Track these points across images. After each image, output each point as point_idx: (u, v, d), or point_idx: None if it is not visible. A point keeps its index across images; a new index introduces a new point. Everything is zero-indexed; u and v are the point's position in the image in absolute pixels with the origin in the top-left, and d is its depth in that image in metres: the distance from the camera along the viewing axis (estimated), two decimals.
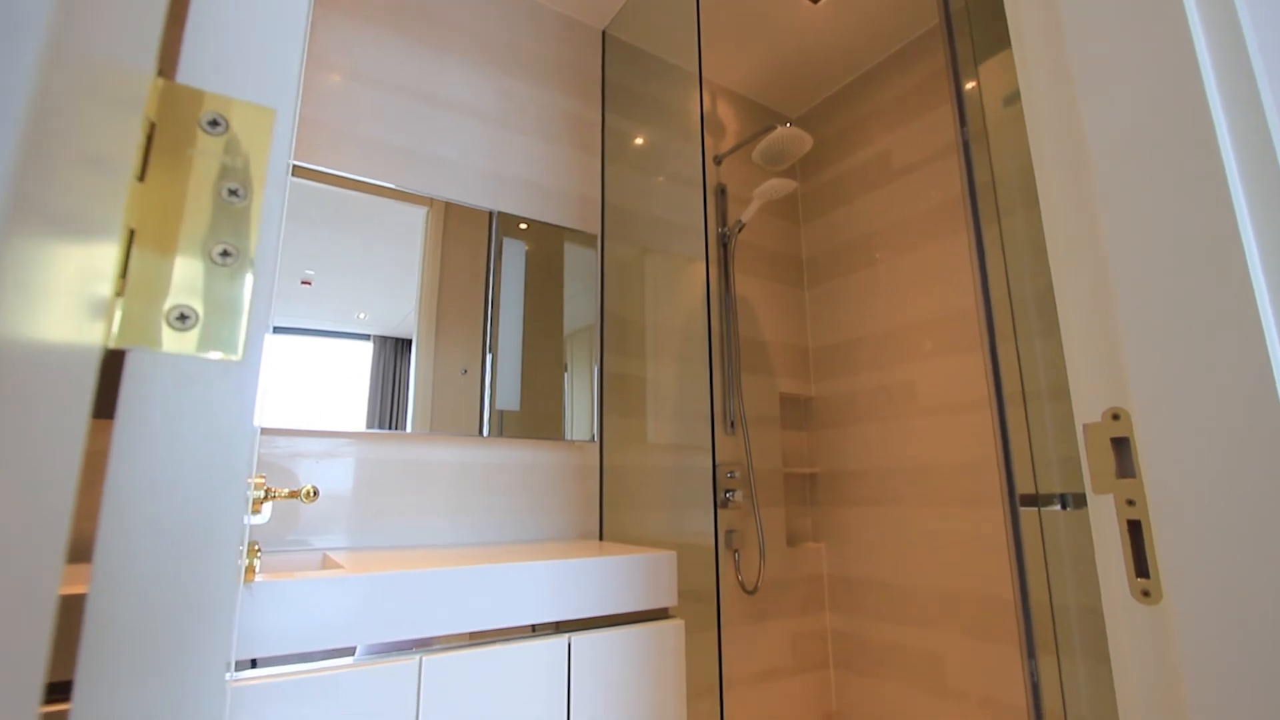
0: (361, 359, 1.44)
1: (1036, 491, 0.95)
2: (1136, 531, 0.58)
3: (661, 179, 1.81)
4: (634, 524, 1.64)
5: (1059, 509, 0.93)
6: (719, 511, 1.94)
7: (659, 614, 1.33)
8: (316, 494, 1.09)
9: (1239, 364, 0.49)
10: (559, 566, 1.19)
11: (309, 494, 1.08)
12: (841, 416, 2.20)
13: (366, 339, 1.45)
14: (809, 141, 1.98)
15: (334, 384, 1.40)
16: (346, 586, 0.98)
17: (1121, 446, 0.60)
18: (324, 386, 1.39)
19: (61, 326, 0.19)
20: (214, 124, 0.28)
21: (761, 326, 2.25)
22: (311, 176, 1.44)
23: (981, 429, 1.78)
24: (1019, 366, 1.01)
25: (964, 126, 1.18)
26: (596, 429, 1.74)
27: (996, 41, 1.06)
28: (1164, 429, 0.53)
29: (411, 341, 1.50)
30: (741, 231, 2.22)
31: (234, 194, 0.28)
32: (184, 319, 0.26)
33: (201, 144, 0.28)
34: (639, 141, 1.91)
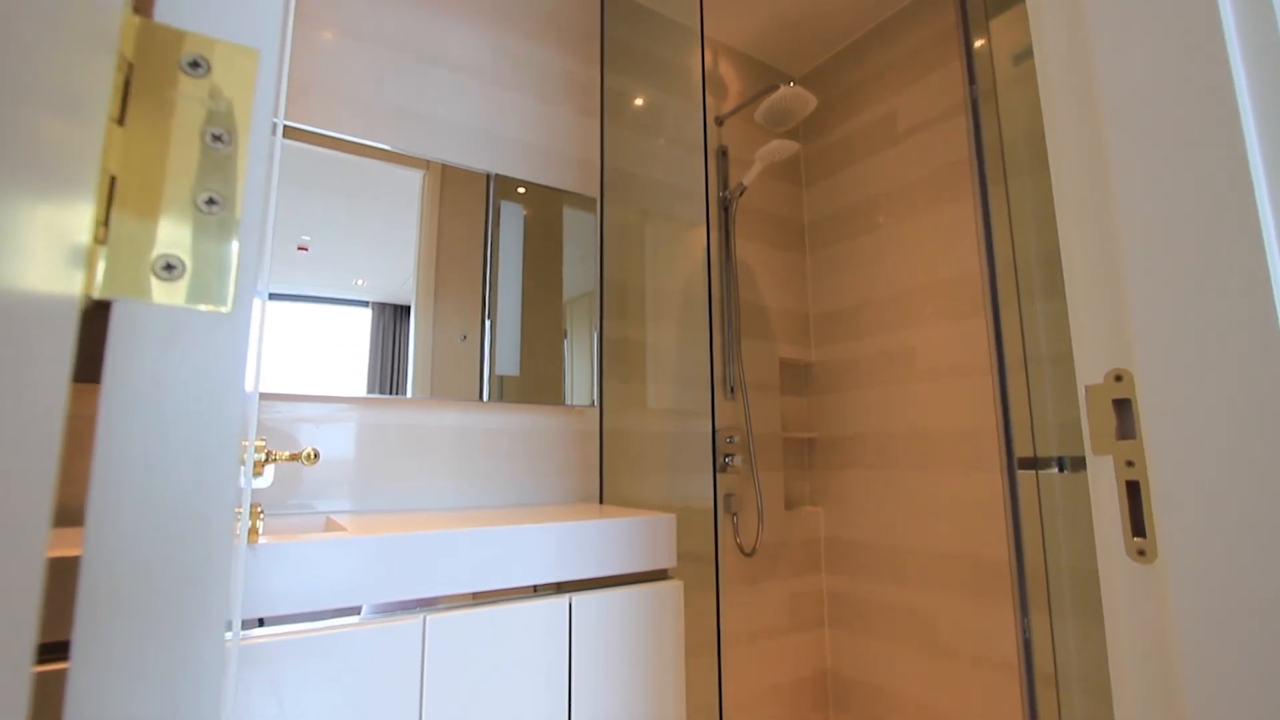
0: (361, 325, 1.43)
1: (1035, 455, 0.96)
2: (1134, 492, 0.58)
3: (662, 141, 1.78)
4: (634, 488, 1.66)
5: (1056, 472, 0.94)
6: (718, 476, 1.96)
7: (658, 575, 1.35)
8: (317, 456, 1.10)
9: (1247, 326, 0.48)
10: (560, 529, 1.20)
11: (309, 456, 1.09)
12: (841, 382, 2.20)
13: (365, 306, 1.44)
14: (813, 102, 1.94)
15: (334, 350, 1.39)
16: (350, 548, 1.00)
17: (1123, 408, 0.60)
18: (324, 353, 1.38)
19: (38, 275, 0.18)
20: (195, 65, 0.27)
21: (762, 292, 2.23)
22: (304, 138, 1.41)
23: (980, 395, 1.78)
24: (1021, 331, 1.00)
25: (973, 84, 1.16)
26: (596, 394, 1.75)
27: None
28: (1168, 389, 0.53)
29: (410, 308, 1.49)
30: (743, 195, 2.19)
31: (218, 140, 0.27)
32: (170, 269, 0.26)
33: (183, 86, 0.27)
34: (639, 102, 1.86)
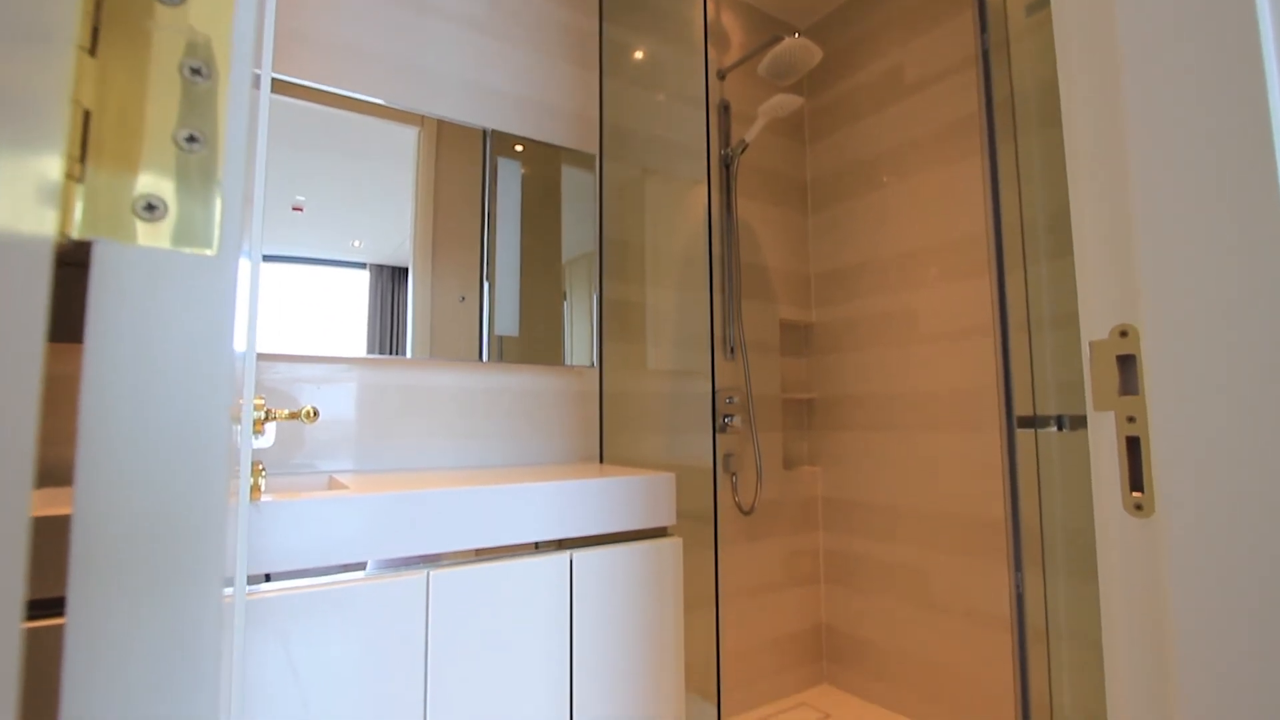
0: (359, 287, 1.42)
1: (1034, 413, 0.96)
2: (1134, 448, 0.58)
3: (662, 96, 1.73)
4: (634, 448, 1.67)
5: (1055, 430, 0.94)
6: (717, 436, 1.97)
7: (658, 532, 1.37)
8: (316, 414, 1.10)
9: (1262, 280, 0.47)
10: (561, 487, 1.21)
11: (309, 414, 1.09)
12: (841, 343, 2.20)
13: (363, 267, 1.43)
14: (818, 54, 1.88)
15: (333, 312, 1.38)
16: (354, 506, 1.01)
17: (1126, 364, 0.59)
18: (323, 315, 1.37)
19: (6, 211, 0.18)
20: None
21: (763, 251, 2.21)
22: (296, 93, 1.37)
23: (980, 356, 1.78)
24: (1025, 292, 0.99)
25: (984, 34, 1.12)
26: (596, 354, 1.74)
27: None
28: (1174, 343, 0.53)
29: (408, 270, 1.48)
30: (745, 152, 2.14)
31: (197, 73, 0.26)
32: (152, 209, 0.25)
33: (159, 16, 0.25)
34: (639, 55, 1.81)
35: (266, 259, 1.32)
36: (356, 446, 1.41)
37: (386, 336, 1.44)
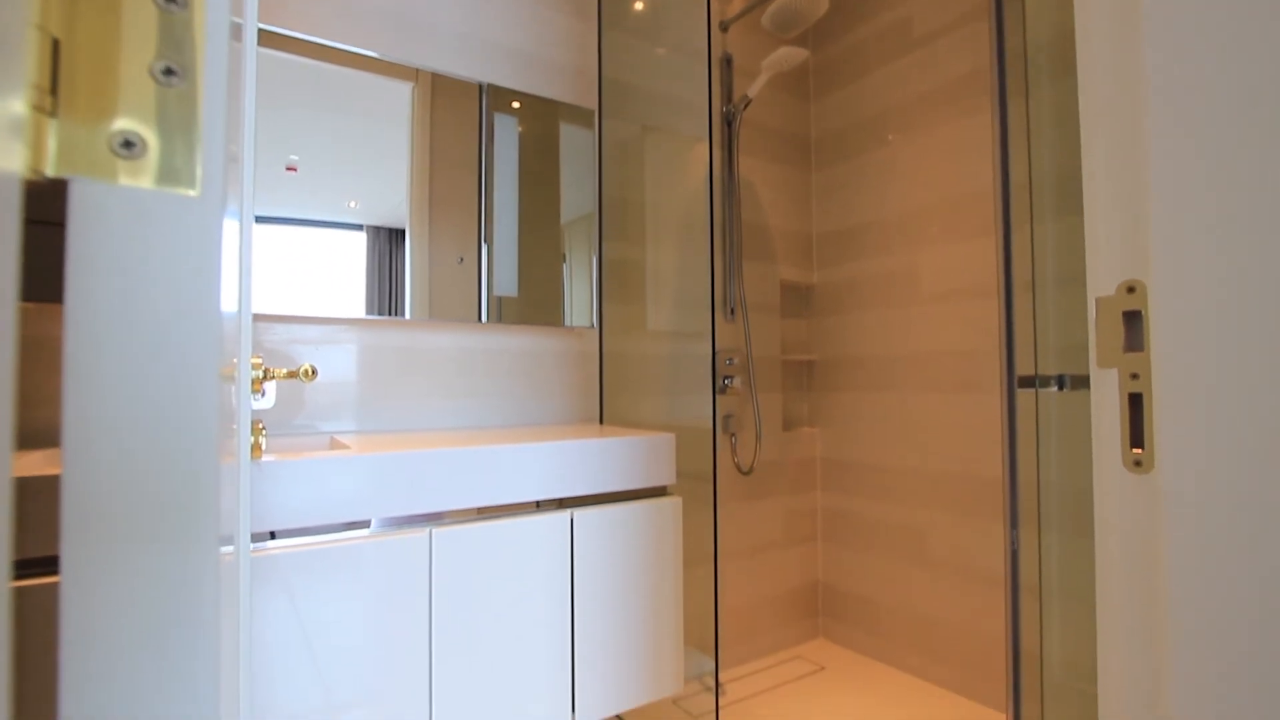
0: (356, 249, 1.40)
1: (1036, 373, 0.95)
2: (1136, 405, 0.58)
3: (663, 50, 1.68)
4: (634, 409, 1.67)
5: (1055, 390, 0.94)
6: (717, 397, 1.98)
7: (658, 491, 1.38)
8: (315, 373, 1.10)
9: (1274, 240, 0.46)
10: (561, 446, 1.22)
11: (308, 372, 1.09)
12: (842, 304, 2.18)
13: (360, 229, 1.41)
14: (824, 4, 1.81)
15: (331, 273, 1.37)
16: (355, 465, 1.01)
17: (1132, 321, 0.59)
18: (321, 276, 1.36)
19: None
20: None
21: (765, 211, 2.17)
22: (285, 45, 1.33)
23: (981, 316, 1.77)
24: (1031, 251, 0.98)
25: None
26: (596, 315, 1.73)
27: None
28: (1182, 299, 0.52)
29: (405, 231, 1.45)
30: (748, 108, 2.09)
31: (172, 1, 0.24)
32: (130, 146, 0.24)
33: None
34: (639, 6, 1.75)
35: (262, 220, 1.30)
36: (357, 408, 1.41)
37: (385, 298, 1.43)
